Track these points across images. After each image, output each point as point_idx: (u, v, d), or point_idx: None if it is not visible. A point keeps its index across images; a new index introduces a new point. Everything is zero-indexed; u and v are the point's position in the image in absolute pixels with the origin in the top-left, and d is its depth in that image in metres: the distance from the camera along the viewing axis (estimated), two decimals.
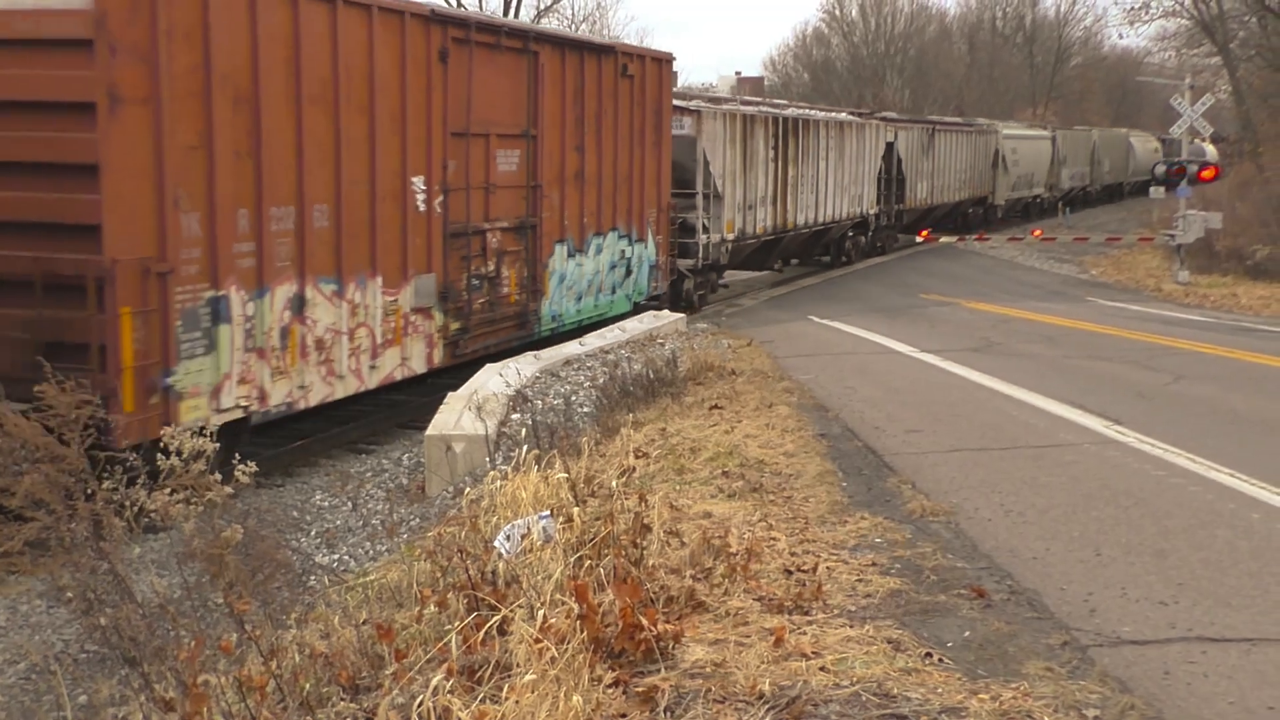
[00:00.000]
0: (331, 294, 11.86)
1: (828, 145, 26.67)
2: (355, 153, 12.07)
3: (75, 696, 6.48)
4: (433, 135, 13.34)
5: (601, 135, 17.21)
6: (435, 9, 13.52)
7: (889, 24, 76.00)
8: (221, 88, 10.34)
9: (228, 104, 10.43)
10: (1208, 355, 16.07)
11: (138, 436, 9.36)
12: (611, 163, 17.63)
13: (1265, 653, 5.38)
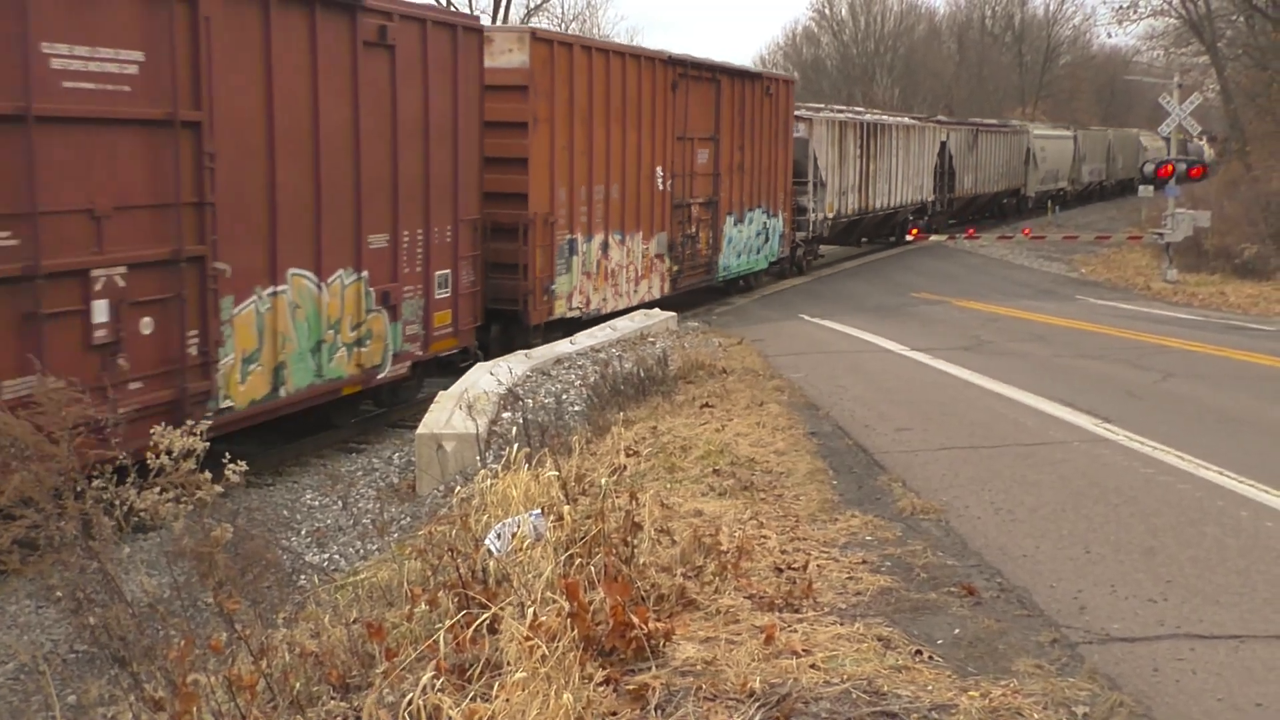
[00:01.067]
0: (618, 242, 18.61)
1: (897, 144, 32.44)
2: (630, 150, 18.64)
3: (64, 696, 6.46)
4: (667, 139, 19.91)
5: (753, 138, 23.58)
6: (672, 55, 19.99)
7: (878, 23, 76.14)
8: (576, 114, 16.87)
9: (579, 123, 17.00)
10: (1196, 353, 16.12)
11: (539, 319, 16.41)
12: (756, 158, 23.85)
13: (1253, 649, 5.40)
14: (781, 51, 79.08)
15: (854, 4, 75.97)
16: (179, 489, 6.34)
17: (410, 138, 12.94)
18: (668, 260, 20.27)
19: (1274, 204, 29.31)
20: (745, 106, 22.80)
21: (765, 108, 23.85)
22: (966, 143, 38.85)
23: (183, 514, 6.24)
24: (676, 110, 19.92)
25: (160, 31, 9.58)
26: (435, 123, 13.42)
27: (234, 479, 6.68)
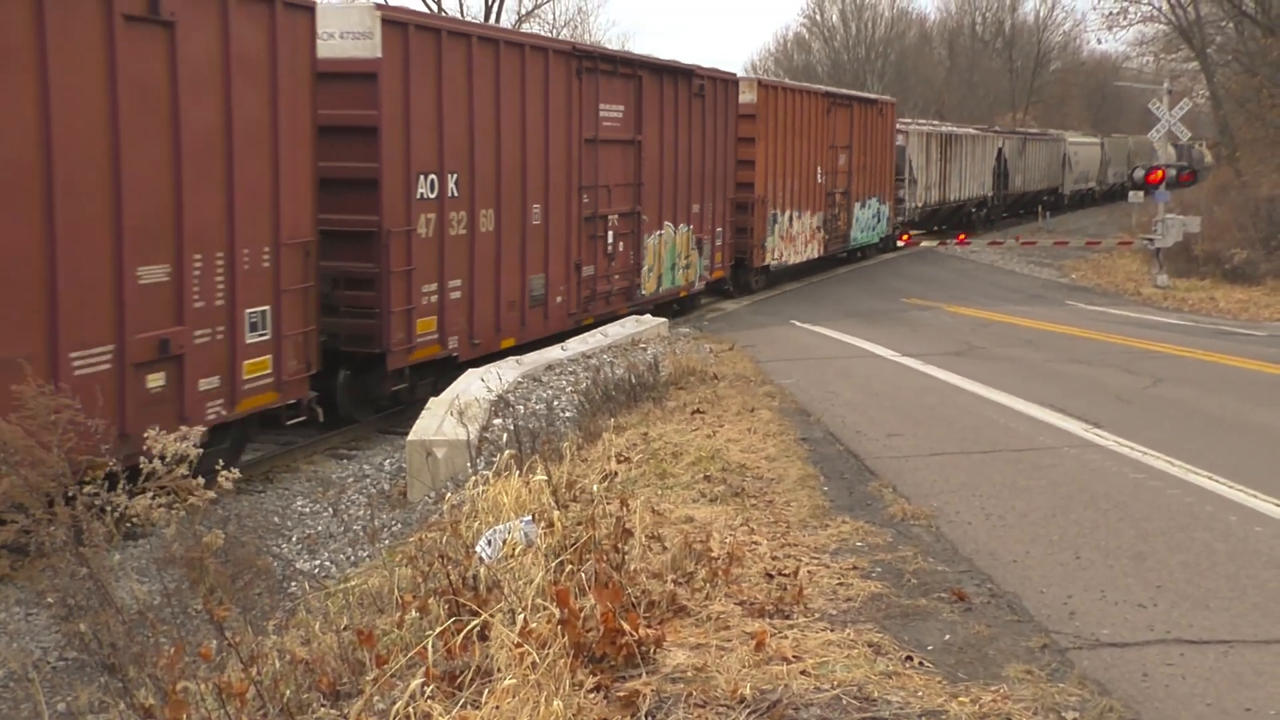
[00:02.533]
0: (795, 217, 26.06)
1: (965, 150, 40.06)
2: (804, 157, 26.03)
3: (54, 704, 6.44)
4: (823, 148, 27.17)
5: (870, 146, 30.63)
6: (829, 90, 27.30)
7: (869, 29, 76.29)
8: (781, 131, 24.05)
9: (785, 137, 24.59)
10: (1186, 359, 16.17)
11: (758, 263, 24.32)
12: (872, 161, 30.93)
13: (1242, 655, 5.42)
14: (773, 58, 79.26)
15: (845, 10, 76.18)
16: (171, 495, 6.34)
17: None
18: (823, 231, 28.12)
19: (1264, 209, 29.42)
20: (867, 123, 30.29)
21: (879, 123, 31.37)
22: (1017, 149, 46.27)
23: (174, 520, 6.24)
24: (829, 127, 27.63)
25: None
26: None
27: (226, 485, 6.68)
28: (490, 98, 14.62)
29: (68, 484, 5.94)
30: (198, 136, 9.99)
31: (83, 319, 8.90)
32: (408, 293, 13.25)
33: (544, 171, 16.03)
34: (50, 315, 8.67)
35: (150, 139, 9.52)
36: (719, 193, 22.42)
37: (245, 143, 10.55)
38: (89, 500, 5.87)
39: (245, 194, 10.56)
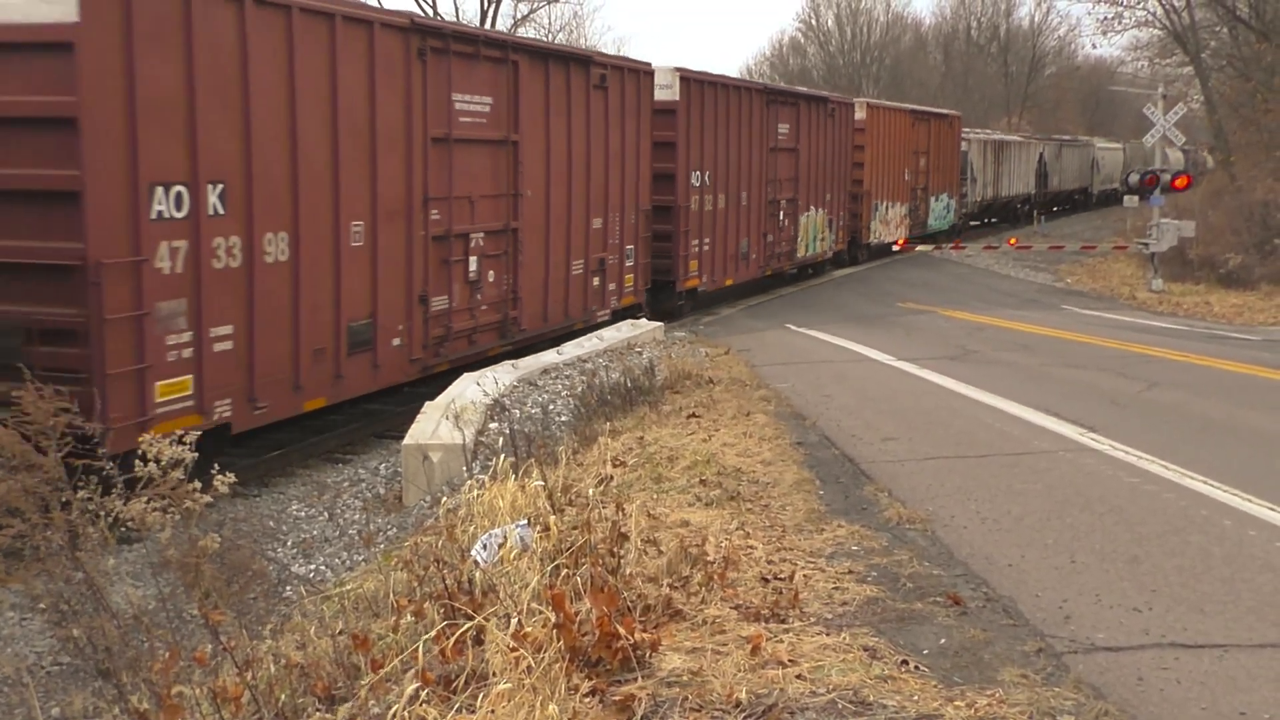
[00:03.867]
0: (890, 207, 32.83)
1: (1013, 154, 47.04)
2: (896, 160, 32.23)
3: (48, 709, 6.42)
4: (909, 155, 33.40)
5: (941, 151, 37.15)
6: (915, 108, 32.77)
7: (864, 34, 76.46)
8: (882, 141, 30.42)
9: (884, 146, 30.84)
10: (1181, 363, 16.19)
11: (865, 241, 32.12)
12: (944, 163, 37.59)
13: (1237, 658, 5.43)
14: (768, 62, 79.39)
15: (840, 15, 76.36)
16: (166, 499, 6.33)
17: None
18: (908, 218, 34.82)
19: (1258, 214, 29.47)
20: (940, 133, 37.39)
21: (948, 133, 38.44)
22: (1054, 153, 53.48)
23: (169, 524, 6.23)
24: (913, 138, 34.76)
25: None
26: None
27: (222, 489, 6.67)
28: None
29: (63, 488, 5.93)
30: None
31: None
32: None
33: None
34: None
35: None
36: (840, 188, 29.47)
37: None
38: (84, 504, 5.86)
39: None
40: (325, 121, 11.74)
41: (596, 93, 17.41)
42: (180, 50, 9.93)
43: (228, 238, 10.58)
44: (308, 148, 11.46)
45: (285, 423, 11.82)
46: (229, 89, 10.49)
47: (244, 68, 10.62)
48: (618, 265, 18.74)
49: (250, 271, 10.84)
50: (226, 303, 10.56)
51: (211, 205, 10.36)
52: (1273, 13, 34.45)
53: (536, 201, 16.01)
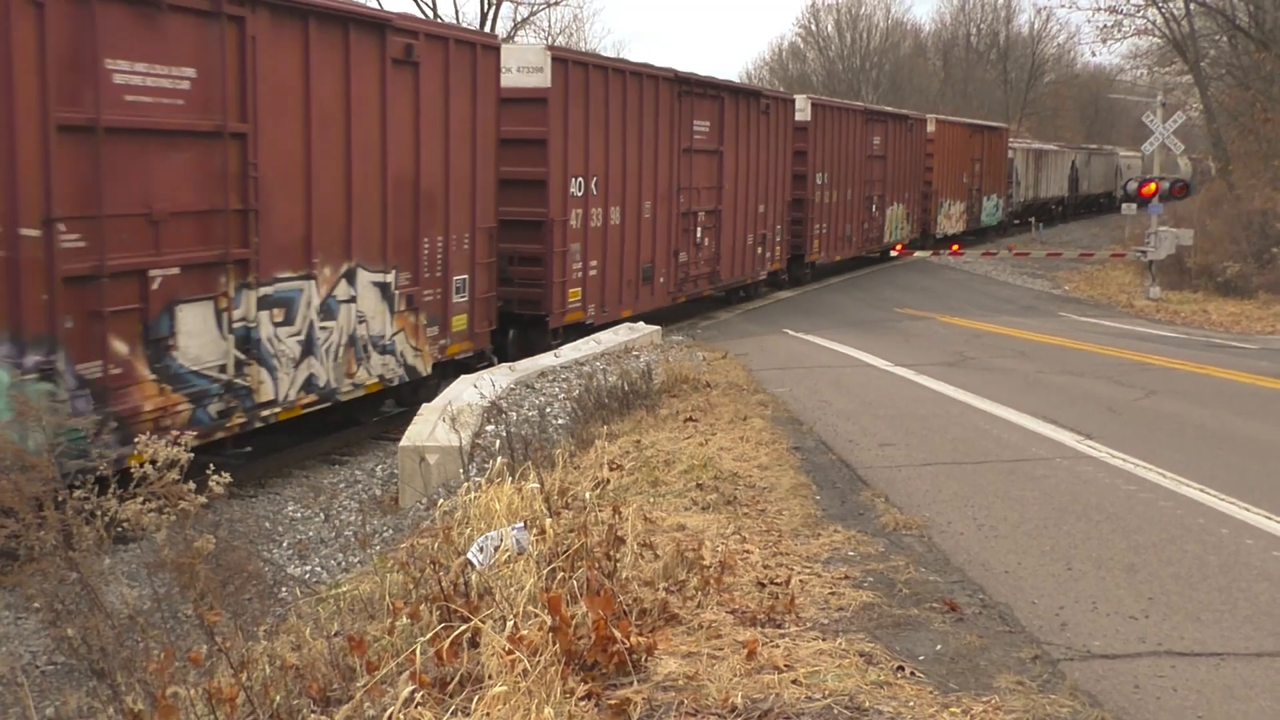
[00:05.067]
0: (952, 205, 39.88)
1: (1050, 161, 54.22)
2: (954, 164, 39.08)
3: (42, 709, 6.41)
4: (967, 161, 39.91)
5: (991, 158, 43.18)
6: (974, 122, 43.52)
7: (864, 39, 76.55)
8: (947, 150, 38.68)
9: (948, 154, 38.47)
10: (1179, 371, 16.20)
11: (932, 232, 38.22)
12: (994, 168, 43.57)
13: (1233, 667, 5.42)
14: (768, 67, 79.44)
15: (840, 21, 76.44)
16: (161, 500, 6.32)
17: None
18: (966, 215, 41.19)
19: (1256, 222, 29.53)
20: (992, 143, 43.77)
21: (998, 143, 44.81)
22: (1085, 161, 60.46)
23: (165, 525, 6.22)
24: (971, 146, 41.34)
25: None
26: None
27: (217, 490, 6.66)
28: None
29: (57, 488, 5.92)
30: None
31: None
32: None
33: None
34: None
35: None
36: (915, 188, 36.36)
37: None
38: (79, 505, 5.85)
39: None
40: (636, 140, 19.28)
41: (762, 116, 24.63)
42: (583, 104, 17.55)
43: (597, 209, 18.25)
44: (630, 157, 19.13)
45: (283, 424, 11.82)
46: (607, 129, 18.34)
47: (622, 117, 18.80)
48: (771, 240, 26.10)
49: (605, 230, 18.57)
50: (595, 248, 18.23)
51: (591, 190, 17.95)
52: (1272, 22, 34.49)
53: (730, 192, 23.24)
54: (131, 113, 9.55)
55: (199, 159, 10.31)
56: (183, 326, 10.10)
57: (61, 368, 8.90)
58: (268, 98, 10.95)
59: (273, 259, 11.18)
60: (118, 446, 9.05)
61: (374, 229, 12.64)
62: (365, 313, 12.58)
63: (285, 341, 11.41)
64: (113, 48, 9.33)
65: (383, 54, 12.57)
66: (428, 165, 13.53)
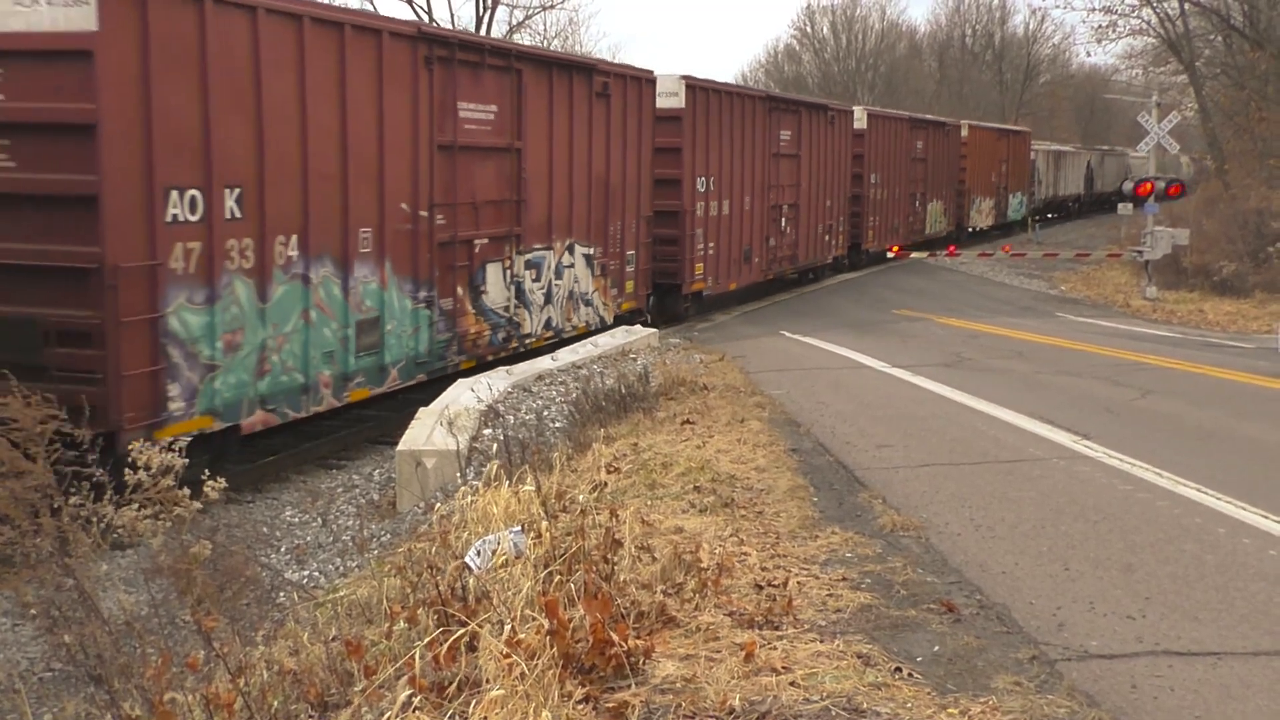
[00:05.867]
0: (982, 201, 43.79)
1: (1068, 162, 58.33)
2: (985, 167, 43.58)
3: (40, 715, 6.40)
4: (997, 162, 44.58)
5: (1016, 159, 46.88)
6: (1007, 128, 48.62)
7: (860, 41, 76.55)
8: (978, 152, 43.40)
9: (979, 156, 43.71)
10: (1175, 371, 16.21)
11: (968, 227, 42.47)
12: (1018, 168, 47.20)
13: (1231, 666, 5.43)
14: (763, 69, 79.43)
15: (835, 22, 76.46)
16: (157, 505, 6.32)
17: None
18: (994, 210, 44.67)
19: (1252, 222, 29.55)
20: (1016, 145, 47.76)
21: (1022, 145, 48.88)
22: (1098, 161, 64.99)
23: (161, 530, 6.22)
24: (998, 149, 44.98)
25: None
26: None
27: (213, 495, 6.66)
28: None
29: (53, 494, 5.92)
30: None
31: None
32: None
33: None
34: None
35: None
36: (949, 187, 40.06)
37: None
38: (74, 511, 5.85)
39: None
40: (739, 147, 23.27)
41: (829, 126, 28.33)
42: (705, 119, 22.10)
43: (714, 202, 22.32)
44: (735, 161, 23.13)
45: (280, 428, 11.82)
46: (720, 139, 22.64)
47: (731, 129, 22.99)
48: (836, 230, 29.98)
49: (719, 219, 22.62)
50: (712, 233, 22.42)
51: (707, 186, 21.87)
52: (1266, 21, 34.55)
53: (805, 189, 27.07)
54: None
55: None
56: (488, 279, 15.26)
57: (434, 301, 13.94)
58: (530, 124, 15.97)
59: (530, 235, 16.30)
60: (457, 355, 14.56)
61: (583, 215, 17.82)
62: (578, 276, 17.87)
63: (536, 293, 16.60)
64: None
65: (590, 90, 17.72)
66: (614, 169, 18.68)
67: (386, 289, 12.99)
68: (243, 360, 10.95)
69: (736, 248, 23.85)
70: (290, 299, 11.53)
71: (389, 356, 13.08)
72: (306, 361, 11.75)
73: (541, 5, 44.21)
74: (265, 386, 11.23)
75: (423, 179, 13.56)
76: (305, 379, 11.76)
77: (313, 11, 11.60)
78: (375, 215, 12.77)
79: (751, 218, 24.46)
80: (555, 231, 16.90)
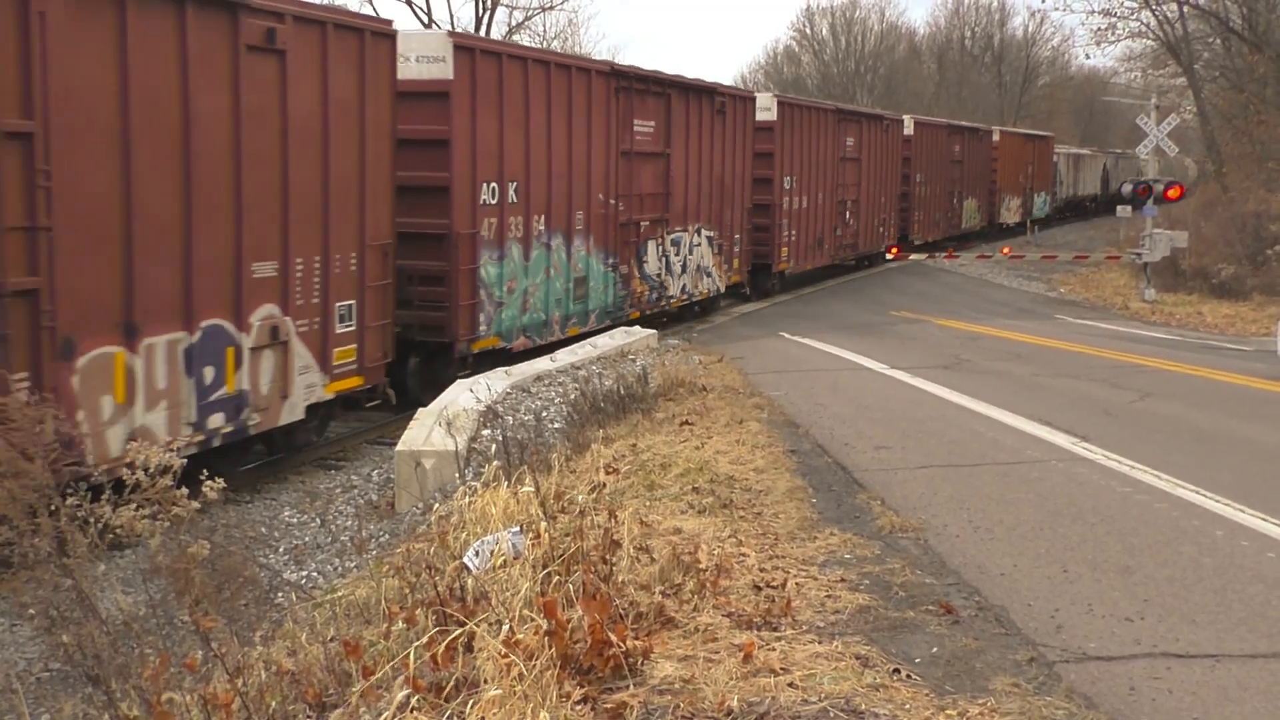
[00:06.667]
0: (1010, 199, 48.11)
1: (1086, 164, 63.13)
2: (1014, 169, 48.46)
3: (38, 716, 6.40)
4: (1023, 165, 49.45)
5: (1041, 162, 51.42)
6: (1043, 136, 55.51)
7: (859, 43, 76.61)
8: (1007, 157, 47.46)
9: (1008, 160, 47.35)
10: (1173, 373, 16.22)
11: (1005, 222, 47.31)
12: (1043, 170, 51.99)
13: (1228, 669, 5.43)
14: (763, 70, 79.48)
15: (835, 24, 76.53)
16: (155, 505, 6.31)
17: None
18: (1021, 208, 48.49)
19: (1250, 225, 29.57)
20: (1040, 149, 51.78)
21: (1045, 149, 52.68)
22: (1114, 163, 68.69)
23: (159, 531, 6.21)
24: (1024, 152, 48.93)
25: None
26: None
27: (211, 495, 6.66)
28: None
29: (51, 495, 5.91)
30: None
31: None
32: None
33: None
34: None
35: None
36: (982, 187, 44.33)
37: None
38: (72, 511, 5.85)
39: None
40: (816, 150, 27.87)
41: (884, 133, 32.92)
42: (791, 128, 27.15)
43: (795, 198, 26.99)
44: (813, 162, 27.71)
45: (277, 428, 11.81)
46: (801, 143, 27.46)
47: (808, 135, 27.60)
48: (888, 223, 34.25)
49: (799, 211, 27.31)
50: (793, 223, 27.06)
51: (791, 184, 26.59)
52: (1265, 25, 34.57)
53: (864, 188, 31.49)
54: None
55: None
56: (648, 252, 20.33)
57: (617, 267, 19.03)
58: (675, 135, 20.82)
59: (674, 219, 21.25)
60: (629, 308, 19.70)
61: (706, 205, 22.63)
62: (703, 253, 22.78)
63: (676, 264, 21.50)
64: (636, 113, 19.31)
65: (712, 108, 22.49)
66: (727, 169, 23.42)
67: (591, 256, 18.24)
68: (515, 300, 16.13)
69: (812, 235, 28.67)
70: (540, 260, 16.70)
71: (591, 305, 18.45)
72: (547, 304, 17.04)
73: (541, 6, 44.25)
74: (526, 319, 16.47)
75: (611, 176, 18.59)
76: (545, 316, 17.07)
77: (556, 59, 17.66)
78: (585, 202, 17.82)
79: (823, 210, 29.06)
80: (689, 217, 21.90)
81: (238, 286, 10.64)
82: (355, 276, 12.40)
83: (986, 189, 45.05)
